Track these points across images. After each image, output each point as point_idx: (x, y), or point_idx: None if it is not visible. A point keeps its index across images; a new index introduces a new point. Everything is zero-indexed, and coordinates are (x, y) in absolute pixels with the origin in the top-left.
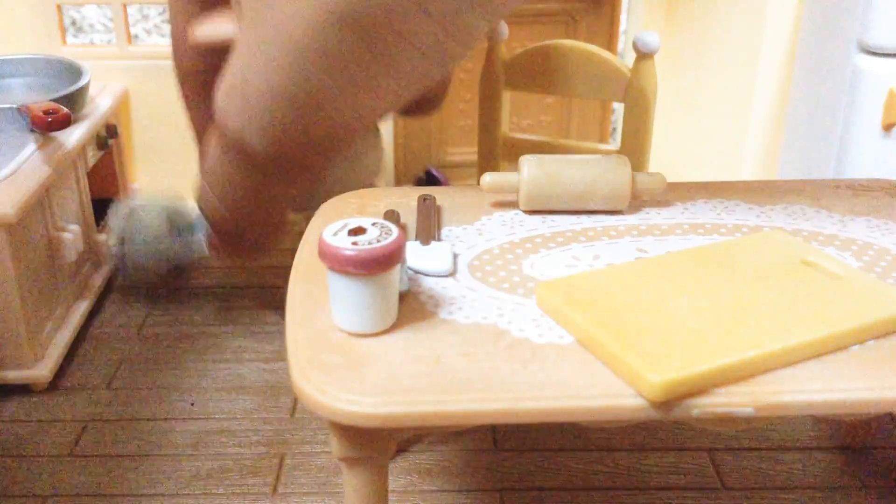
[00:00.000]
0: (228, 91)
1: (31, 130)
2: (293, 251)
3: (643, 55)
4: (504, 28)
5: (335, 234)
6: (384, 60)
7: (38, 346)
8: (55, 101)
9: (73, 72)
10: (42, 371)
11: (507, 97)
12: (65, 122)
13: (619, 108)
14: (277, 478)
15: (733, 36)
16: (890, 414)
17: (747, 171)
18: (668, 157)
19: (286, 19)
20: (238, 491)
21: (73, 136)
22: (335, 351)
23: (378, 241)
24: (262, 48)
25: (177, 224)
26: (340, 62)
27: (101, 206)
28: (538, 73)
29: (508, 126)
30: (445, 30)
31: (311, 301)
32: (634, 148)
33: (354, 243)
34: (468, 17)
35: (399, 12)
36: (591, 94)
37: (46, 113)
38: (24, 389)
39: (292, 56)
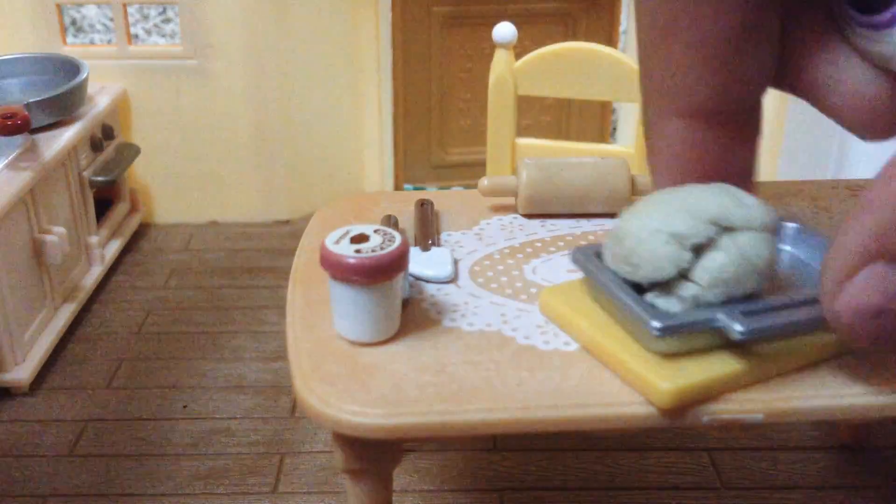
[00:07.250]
0: None
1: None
2: (291, 251)
3: None
4: (514, 32)
5: (337, 241)
6: None
7: (19, 349)
8: (52, 98)
9: (72, 68)
10: (21, 375)
11: (516, 102)
12: (23, 126)
13: (619, 108)
14: (277, 478)
15: None
16: None
17: None
18: None
19: None
20: (238, 491)
21: (63, 138)
22: (338, 361)
23: (382, 248)
24: None
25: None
26: None
27: (102, 208)
28: (550, 76)
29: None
30: None
31: (312, 309)
32: None
33: (358, 251)
34: None
35: None
36: (604, 96)
37: (4, 117)
38: (6, 392)
39: None
